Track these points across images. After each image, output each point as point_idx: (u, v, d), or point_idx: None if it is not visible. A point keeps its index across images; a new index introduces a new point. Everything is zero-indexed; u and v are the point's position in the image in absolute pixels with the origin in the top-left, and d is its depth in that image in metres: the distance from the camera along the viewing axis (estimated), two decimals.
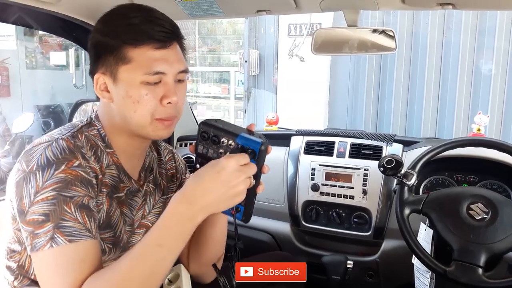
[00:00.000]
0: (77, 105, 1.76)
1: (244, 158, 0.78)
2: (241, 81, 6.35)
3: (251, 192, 0.81)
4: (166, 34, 0.88)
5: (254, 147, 0.78)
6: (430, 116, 4.37)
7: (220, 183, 0.77)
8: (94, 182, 0.86)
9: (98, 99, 0.98)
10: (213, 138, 0.80)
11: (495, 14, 4.04)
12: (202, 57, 7.58)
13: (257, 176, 0.81)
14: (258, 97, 5.08)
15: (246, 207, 0.83)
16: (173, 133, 1.90)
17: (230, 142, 0.79)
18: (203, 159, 0.82)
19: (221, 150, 0.80)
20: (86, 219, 0.81)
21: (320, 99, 4.69)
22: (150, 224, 1.03)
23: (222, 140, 0.80)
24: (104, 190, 0.90)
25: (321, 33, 1.28)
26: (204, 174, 0.78)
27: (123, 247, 0.97)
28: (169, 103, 0.88)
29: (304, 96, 4.63)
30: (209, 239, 1.02)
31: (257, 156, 0.79)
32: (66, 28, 1.42)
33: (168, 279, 1.02)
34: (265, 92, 4.99)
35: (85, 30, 1.37)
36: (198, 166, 0.82)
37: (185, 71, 0.91)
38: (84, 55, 5.80)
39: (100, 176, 0.89)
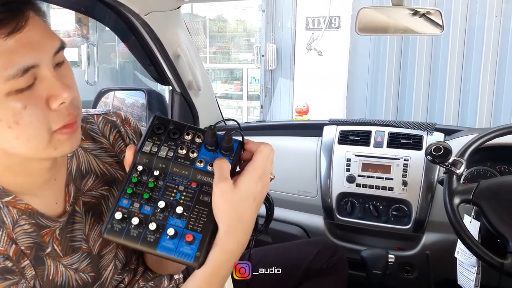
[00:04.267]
0: (101, 94, 1.70)
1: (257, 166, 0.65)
2: (254, 77, 6.29)
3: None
4: (8, 6, 0.55)
5: (235, 143, 0.67)
6: (453, 106, 4.26)
7: (255, 209, 0.65)
8: (10, 265, 0.61)
9: (122, 88, 0.85)
10: (172, 131, 0.66)
11: None
12: (212, 57, 7.52)
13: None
14: (275, 92, 5.01)
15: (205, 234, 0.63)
16: (199, 122, 1.83)
17: (196, 138, 0.66)
18: (147, 161, 0.65)
19: (180, 148, 0.65)
20: None
21: (338, 93, 4.62)
22: None
23: (184, 135, 0.66)
24: (26, 260, 0.64)
25: (365, 12, 1.21)
26: (241, 209, 0.63)
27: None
28: (63, 103, 0.60)
29: (322, 91, 4.55)
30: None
31: (235, 151, 0.67)
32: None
33: None
34: (282, 87, 4.91)
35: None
36: (139, 168, 0.64)
37: (62, 47, 0.62)
38: (96, 51, 5.80)
39: (13, 248, 0.62)
